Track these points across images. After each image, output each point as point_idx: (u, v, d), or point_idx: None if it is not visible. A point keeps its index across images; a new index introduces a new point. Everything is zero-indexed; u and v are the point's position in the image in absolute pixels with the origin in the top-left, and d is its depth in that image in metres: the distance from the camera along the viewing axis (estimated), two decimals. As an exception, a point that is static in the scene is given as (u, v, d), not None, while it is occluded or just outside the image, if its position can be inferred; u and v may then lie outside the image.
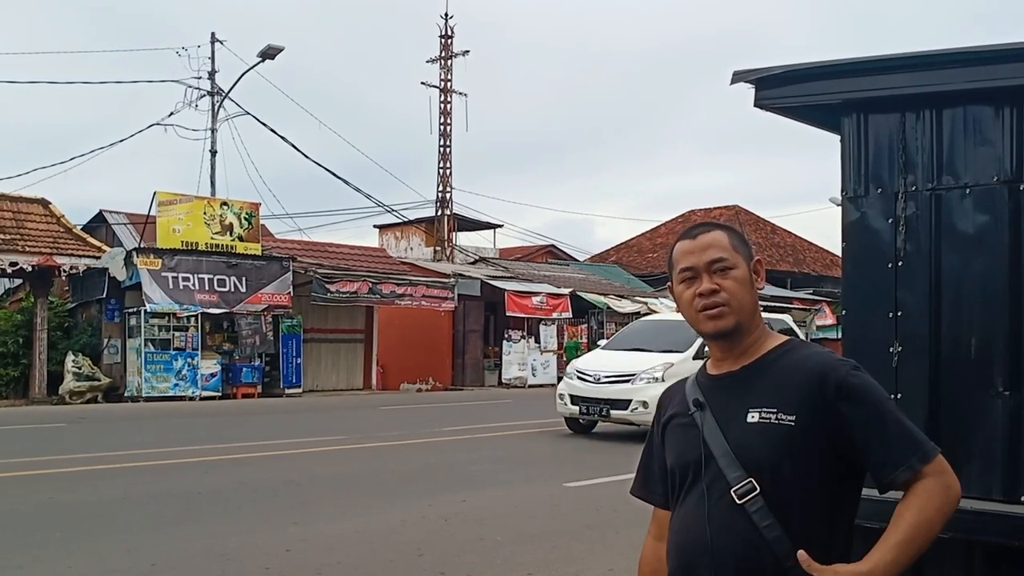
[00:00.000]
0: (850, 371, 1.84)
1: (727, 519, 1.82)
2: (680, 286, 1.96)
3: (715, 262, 1.91)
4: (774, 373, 1.88)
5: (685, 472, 1.93)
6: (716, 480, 1.85)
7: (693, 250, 1.94)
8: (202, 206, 22.33)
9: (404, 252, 33.72)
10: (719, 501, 1.84)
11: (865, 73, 3.14)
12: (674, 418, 2.01)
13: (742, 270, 1.93)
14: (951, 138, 3.03)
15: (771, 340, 1.96)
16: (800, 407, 1.81)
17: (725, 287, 1.90)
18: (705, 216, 44.44)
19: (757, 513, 1.79)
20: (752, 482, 1.80)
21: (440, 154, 34.20)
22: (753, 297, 1.94)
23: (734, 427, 1.86)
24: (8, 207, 21.36)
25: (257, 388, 22.29)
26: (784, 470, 1.80)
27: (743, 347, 1.94)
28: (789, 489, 1.80)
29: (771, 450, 1.81)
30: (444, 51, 34.11)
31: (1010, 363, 2.86)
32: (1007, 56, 2.85)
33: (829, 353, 1.93)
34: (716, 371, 1.98)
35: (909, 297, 3.05)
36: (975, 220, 2.96)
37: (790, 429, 1.81)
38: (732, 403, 1.89)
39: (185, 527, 7.17)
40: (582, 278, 33.90)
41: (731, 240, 1.95)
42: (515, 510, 8.14)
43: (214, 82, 25.83)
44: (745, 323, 1.92)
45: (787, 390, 1.84)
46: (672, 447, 2.00)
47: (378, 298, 24.56)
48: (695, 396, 1.96)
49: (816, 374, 1.83)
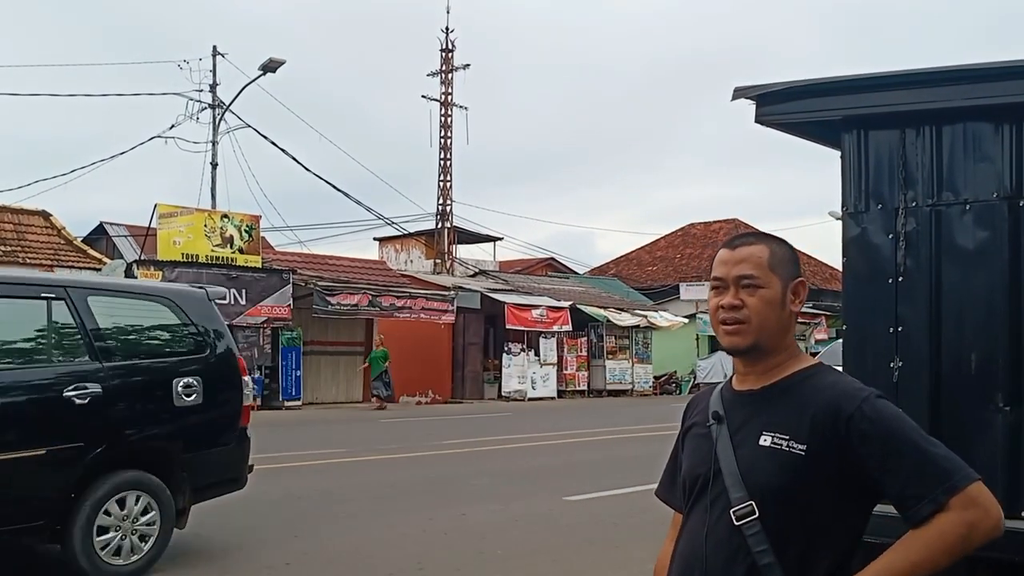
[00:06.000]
0: (864, 401, 1.77)
1: (723, 538, 1.81)
2: (710, 293, 1.94)
3: (744, 278, 1.87)
4: (793, 398, 1.84)
5: (694, 484, 1.92)
6: (720, 497, 1.84)
7: (728, 261, 1.91)
8: (203, 218, 22.34)
9: (404, 265, 33.71)
10: (719, 519, 1.83)
11: (865, 90, 3.16)
12: (694, 427, 2.00)
13: (773, 290, 1.87)
14: (951, 154, 3.05)
15: (797, 363, 1.90)
16: (812, 437, 1.77)
17: (749, 304, 1.86)
18: (704, 230, 44.48)
19: (753, 537, 1.77)
20: (752, 505, 1.78)
21: (440, 167, 34.25)
22: (780, 318, 1.88)
23: (745, 447, 1.84)
24: (9, 219, 21.38)
25: (256, 401, 22.23)
26: (788, 499, 1.77)
27: (766, 366, 1.89)
28: (790, 518, 1.76)
29: (777, 477, 1.78)
30: (445, 65, 34.19)
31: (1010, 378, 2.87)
32: (1006, 73, 2.87)
33: (849, 382, 1.87)
34: (739, 387, 1.94)
35: (909, 312, 3.06)
36: (975, 236, 2.98)
37: (800, 459, 1.77)
38: (748, 422, 1.87)
39: (185, 539, 7.15)
40: (582, 291, 33.90)
41: (771, 258, 1.89)
42: (515, 524, 8.12)
43: (215, 95, 25.88)
44: (765, 344, 1.87)
45: (802, 418, 1.79)
46: (687, 456, 1.99)
47: (378, 311, 24.54)
48: (716, 408, 1.93)
49: (831, 405, 1.78)
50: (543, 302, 28.75)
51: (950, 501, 1.67)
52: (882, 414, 1.76)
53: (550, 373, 28.16)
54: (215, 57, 25.78)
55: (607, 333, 30.54)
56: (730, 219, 44.76)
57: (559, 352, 28.81)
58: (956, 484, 1.68)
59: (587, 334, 30.24)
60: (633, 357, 31.12)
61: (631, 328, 31.13)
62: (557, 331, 28.64)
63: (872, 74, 3.16)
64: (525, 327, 27.69)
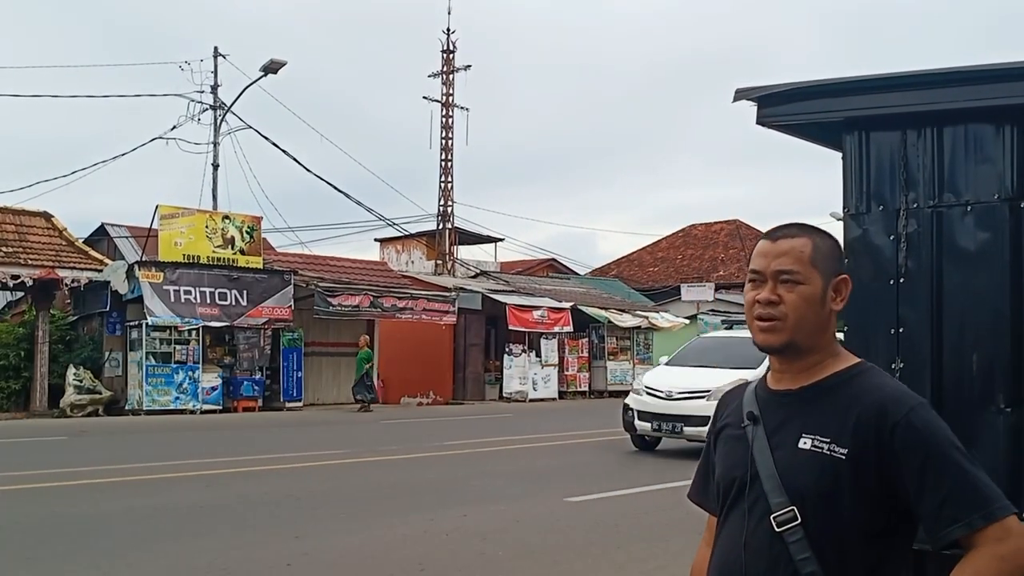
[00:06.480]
0: (912, 411, 1.68)
1: (764, 546, 1.72)
2: (747, 286, 1.84)
3: (783, 272, 1.77)
4: (835, 399, 1.74)
5: (729, 488, 1.83)
6: (758, 502, 1.75)
7: (767, 253, 1.80)
8: (204, 219, 22.37)
9: (405, 266, 33.74)
10: (758, 525, 1.74)
11: (866, 91, 3.16)
12: (726, 428, 1.91)
13: (813, 287, 1.76)
14: (952, 156, 3.05)
15: (839, 362, 1.80)
16: (855, 441, 1.68)
17: (786, 300, 1.76)
18: (706, 231, 44.50)
19: (795, 544, 1.68)
20: (794, 511, 1.69)
21: (441, 168, 34.27)
22: (819, 316, 1.77)
23: (784, 450, 1.75)
24: (11, 220, 21.40)
25: (258, 402, 22.25)
26: (829, 504, 1.68)
27: (803, 365, 1.80)
28: (832, 525, 1.67)
29: (818, 481, 1.69)
30: (446, 66, 34.22)
31: (1012, 379, 2.87)
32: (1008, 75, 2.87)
33: (896, 386, 1.76)
34: (776, 386, 1.85)
35: (911, 313, 3.07)
36: (976, 237, 2.98)
37: (841, 463, 1.68)
38: (786, 424, 1.77)
39: (186, 541, 7.16)
40: (583, 292, 33.90)
41: (813, 253, 1.78)
42: (516, 525, 8.12)
43: (216, 96, 25.94)
44: (801, 342, 1.77)
45: (844, 420, 1.70)
46: (721, 459, 1.89)
47: (379, 312, 24.56)
48: (750, 409, 1.84)
49: (876, 408, 1.68)
50: (544, 303, 28.75)
51: (986, 530, 1.59)
52: (929, 426, 1.67)
53: (551, 374, 28.16)
54: (216, 58, 25.85)
55: (608, 334, 30.55)
56: (731, 220, 44.77)
57: (560, 353, 28.82)
58: (994, 513, 1.61)
59: (588, 335, 30.24)
60: (634, 358, 31.11)
61: (632, 329, 31.14)
62: (558, 332, 28.65)
63: (874, 76, 3.16)
64: (526, 328, 27.70)
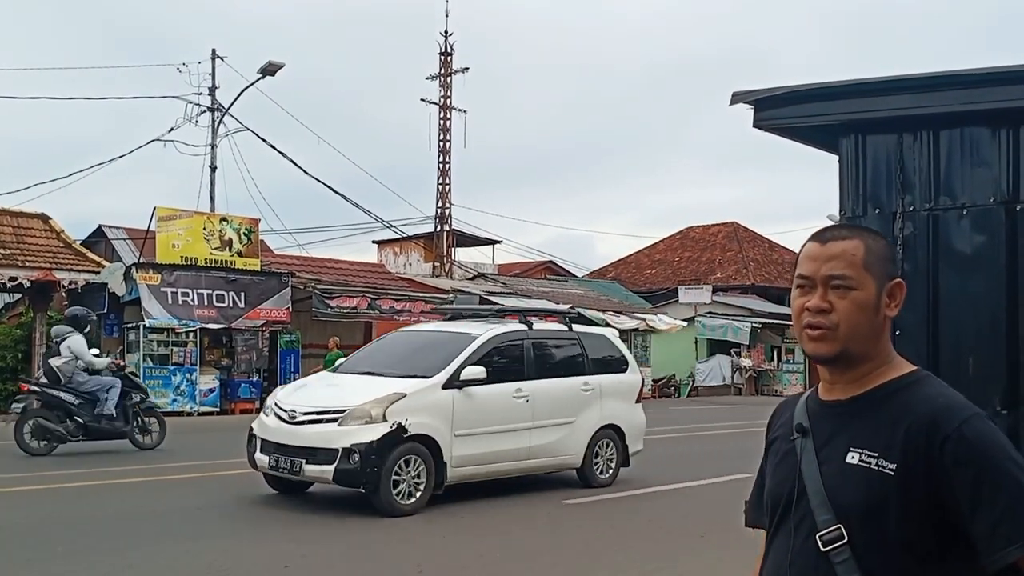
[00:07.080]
0: (966, 423, 1.56)
1: (809, 566, 1.64)
2: (794, 291, 1.73)
3: (835, 278, 1.66)
4: (886, 410, 1.64)
5: (777, 504, 1.75)
6: (804, 519, 1.66)
7: (816, 257, 1.69)
8: (201, 221, 22.35)
9: (403, 268, 33.73)
10: (804, 544, 1.65)
11: (863, 95, 3.18)
12: (776, 441, 1.83)
13: (867, 292, 1.66)
14: (948, 159, 3.07)
15: (893, 370, 1.69)
16: (904, 455, 1.58)
17: (838, 308, 1.65)
18: (703, 233, 44.48)
19: (842, 565, 1.59)
20: (841, 529, 1.60)
21: (439, 170, 34.30)
22: (872, 324, 1.67)
23: (832, 464, 1.65)
24: (8, 221, 21.36)
25: (255, 403, 22.20)
26: (878, 523, 1.58)
27: (855, 375, 1.69)
28: (881, 545, 1.58)
29: (866, 498, 1.59)
30: (444, 68, 34.25)
31: (1007, 382, 2.88)
32: (1003, 78, 2.89)
33: (951, 396, 1.64)
34: (827, 396, 1.75)
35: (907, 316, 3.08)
36: (972, 240, 3.00)
37: (889, 479, 1.58)
38: (835, 437, 1.68)
39: (184, 543, 7.15)
40: (581, 294, 33.89)
41: (866, 256, 1.67)
42: (515, 527, 8.13)
43: (214, 98, 25.89)
44: (855, 351, 1.67)
45: (894, 433, 1.60)
46: (771, 473, 1.81)
47: (377, 314, 24.55)
48: (800, 420, 1.75)
49: (927, 420, 1.58)
50: (542, 305, 28.74)
51: None
52: (984, 439, 1.56)
53: (549, 376, 28.07)
54: (214, 60, 25.80)
55: (606, 336, 30.49)
56: (729, 222, 44.76)
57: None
58: None
59: (586, 337, 30.17)
60: (632, 360, 31.06)
61: (630, 331, 31.10)
62: (556, 334, 28.58)
63: (870, 79, 3.18)
64: (524, 330, 27.64)
